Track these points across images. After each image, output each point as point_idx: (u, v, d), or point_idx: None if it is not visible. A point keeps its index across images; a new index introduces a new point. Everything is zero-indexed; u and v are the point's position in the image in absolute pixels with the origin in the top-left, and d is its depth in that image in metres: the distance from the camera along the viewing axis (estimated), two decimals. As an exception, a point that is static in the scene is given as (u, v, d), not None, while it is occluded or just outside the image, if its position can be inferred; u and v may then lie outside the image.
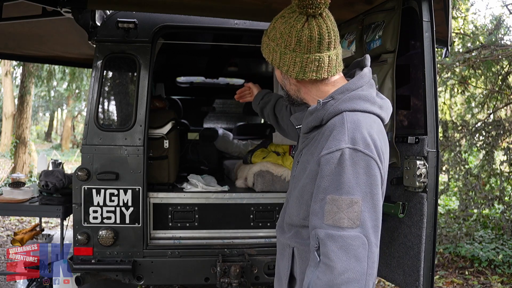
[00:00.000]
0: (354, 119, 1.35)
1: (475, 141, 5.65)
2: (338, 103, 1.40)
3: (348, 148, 1.30)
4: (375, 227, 1.31)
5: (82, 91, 17.35)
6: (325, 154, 1.33)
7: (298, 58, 1.39)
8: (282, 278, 1.62)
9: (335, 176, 1.30)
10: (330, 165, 1.31)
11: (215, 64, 5.40)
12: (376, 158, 1.32)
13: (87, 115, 3.09)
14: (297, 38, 1.37)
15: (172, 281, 3.16)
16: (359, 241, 1.27)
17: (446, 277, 5.00)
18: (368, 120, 1.38)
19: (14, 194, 3.38)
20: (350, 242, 1.27)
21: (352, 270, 1.27)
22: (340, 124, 1.35)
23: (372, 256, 1.30)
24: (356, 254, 1.27)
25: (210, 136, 5.00)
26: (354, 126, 1.34)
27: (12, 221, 7.47)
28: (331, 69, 1.43)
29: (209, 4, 2.68)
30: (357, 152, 1.30)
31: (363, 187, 1.29)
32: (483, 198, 5.31)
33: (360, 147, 1.30)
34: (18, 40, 4.19)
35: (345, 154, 1.29)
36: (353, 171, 1.29)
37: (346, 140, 1.31)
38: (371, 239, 1.29)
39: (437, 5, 2.22)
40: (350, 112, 1.38)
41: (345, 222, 1.28)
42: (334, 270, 1.27)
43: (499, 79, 5.87)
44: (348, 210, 1.28)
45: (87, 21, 3.00)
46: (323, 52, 1.38)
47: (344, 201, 1.28)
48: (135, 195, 3.04)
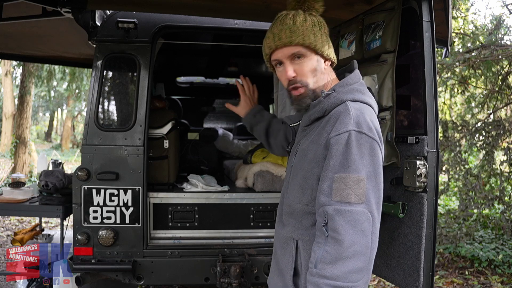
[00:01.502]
0: (357, 107, 1.50)
1: (475, 141, 5.65)
2: (340, 94, 1.55)
3: (354, 130, 1.43)
4: (378, 204, 1.43)
5: (82, 91, 17.35)
6: (334, 136, 1.46)
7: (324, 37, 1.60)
8: (285, 273, 1.63)
9: (343, 156, 1.42)
10: (339, 145, 1.43)
11: (215, 64, 5.40)
12: (378, 141, 1.46)
13: (87, 115, 3.09)
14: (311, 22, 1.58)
15: (172, 281, 3.16)
16: (364, 216, 1.39)
17: (446, 277, 5.00)
18: (367, 109, 1.54)
19: (14, 194, 3.38)
20: (357, 216, 1.38)
21: (359, 243, 1.37)
22: (345, 110, 1.49)
23: (375, 231, 1.42)
24: (362, 228, 1.38)
25: (210, 136, 5.00)
26: (358, 112, 1.48)
27: (12, 221, 7.47)
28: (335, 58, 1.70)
29: (209, 4, 2.68)
30: (362, 135, 1.43)
31: (367, 166, 1.42)
32: (483, 198, 5.31)
33: (364, 130, 1.44)
34: (18, 40, 4.19)
35: (352, 136, 1.42)
36: (359, 152, 1.42)
37: (352, 124, 1.44)
38: (375, 215, 1.41)
39: (437, 5, 2.21)
40: (351, 101, 1.53)
41: (353, 198, 1.39)
42: (343, 243, 1.37)
43: (499, 79, 5.87)
44: (355, 187, 1.39)
45: (87, 21, 3.00)
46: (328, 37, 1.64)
47: (351, 179, 1.40)
48: (135, 195, 3.04)
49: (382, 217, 1.72)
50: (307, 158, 1.57)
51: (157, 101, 3.66)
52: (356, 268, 1.37)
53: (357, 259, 1.37)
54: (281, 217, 1.72)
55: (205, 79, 6.16)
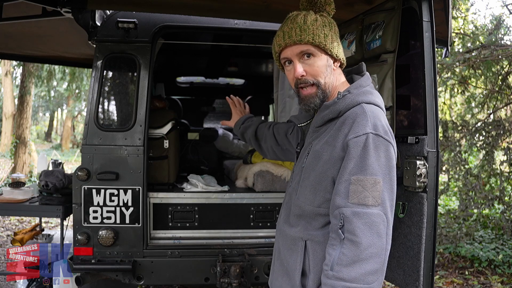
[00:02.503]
0: (372, 110, 1.52)
1: (475, 141, 5.65)
2: (355, 96, 1.56)
3: (371, 133, 1.45)
4: (392, 206, 1.45)
5: (82, 91, 17.35)
6: (353, 138, 1.46)
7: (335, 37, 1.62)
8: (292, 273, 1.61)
9: (360, 158, 1.43)
10: (357, 147, 1.44)
11: (215, 64, 5.40)
12: (393, 144, 1.49)
13: (87, 115, 3.09)
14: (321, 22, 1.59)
15: (172, 281, 3.16)
16: (380, 218, 1.40)
17: (446, 277, 5.00)
18: (380, 112, 1.56)
19: (14, 194, 3.38)
20: (374, 219, 1.40)
21: (375, 245, 1.39)
22: (362, 113, 1.50)
23: (389, 233, 1.44)
24: (378, 230, 1.40)
25: (210, 136, 5.00)
26: (373, 115, 1.50)
27: (12, 221, 7.47)
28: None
29: (209, 4, 2.68)
30: (379, 137, 1.45)
31: (383, 169, 1.43)
32: (483, 198, 5.31)
33: (381, 133, 1.46)
34: (18, 40, 4.19)
35: (370, 138, 1.44)
36: (376, 154, 1.43)
37: (370, 126, 1.46)
38: (389, 217, 1.43)
39: (437, 5, 2.21)
40: (366, 104, 1.54)
41: (370, 201, 1.40)
42: (360, 246, 1.38)
43: (499, 79, 5.87)
44: (372, 189, 1.41)
45: (87, 21, 3.00)
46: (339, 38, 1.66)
47: (368, 181, 1.41)
48: (135, 195, 3.04)
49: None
50: (321, 160, 1.56)
51: (157, 101, 3.66)
52: (372, 270, 1.39)
53: (373, 260, 1.39)
54: (288, 218, 1.71)
55: (205, 79, 6.16)
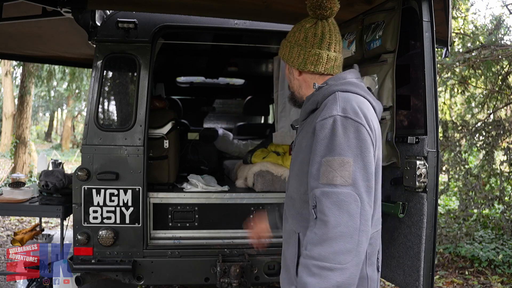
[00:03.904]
0: (345, 96, 1.55)
1: (475, 141, 5.65)
2: (331, 87, 1.60)
3: (339, 115, 1.47)
4: (368, 187, 1.44)
5: (82, 91, 17.35)
6: (319, 121, 1.50)
7: (302, 51, 1.66)
8: (290, 266, 1.65)
9: (328, 140, 1.46)
10: (324, 130, 1.47)
11: (215, 64, 5.40)
12: (365, 125, 1.47)
13: (87, 115, 3.09)
14: (304, 34, 1.66)
15: (172, 281, 3.16)
16: (351, 197, 1.40)
17: (446, 277, 5.00)
18: (358, 98, 1.56)
19: (14, 194, 3.38)
20: (343, 198, 1.40)
21: (345, 224, 1.38)
22: (332, 99, 1.55)
23: (365, 214, 1.42)
24: (348, 209, 1.39)
25: (210, 136, 5.00)
26: (345, 100, 1.53)
27: (12, 221, 7.47)
28: (329, 67, 1.67)
29: (209, 4, 2.68)
30: (347, 119, 1.46)
31: (354, 149, 1.44)
32: (483, 198, 5.31)
33: (350, 115, 1.47)
34: (18, 40, 4.19)
35: (337, 121, 1.46)
36: (344, 135, 1.44)
37: (338, 109, 1.49)
38: (364, 197, 1.42)
39: (437, 5, 2.22)
40: (341, 92, 1.57)
41: (338, 180, 1.41)
42: (328, 224, 1.39)
43: (499, 79, 5.87)
44: (340, 169, 1.42)
45: (87, 21, 3.00)
46: (323, 49, 1.65)
47: (336, 161, 1.43)
48: (135, 195, 3.04)
49: (382, 217, 1.72)
50: (301, 148, 1.63)
51: (157, 101, 3.66)
52: (343, 250, 1.38)
53: (344, 240, 1.38)
54: (285, 213, 1.77)
55: (205, 79, 6.16)
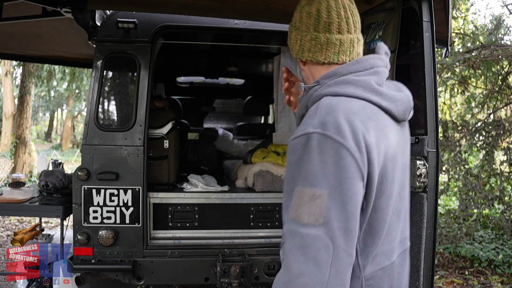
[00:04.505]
0: (331, 103, 1.19)
1: (475, 141, 5.65)
2: (322, 88, 1.26)
3: (316, 133, 1.13)
4: (345, 230, 1.10)
5: (82, 91, 17.35)
6: (291, 140, 1.18)
7: (298, 36, 1.33)
8: None
9: (300, 165, 1.14)
10: (295, 152, 1.16)
11: (215, 64, 5.40)
12: (350, 147, 1.12)
13: (87, 115, 3.09)
14: (299, 15, 1.33)
15: (172, 281, 3.16)
16: (320, 242, 1.08)
17: (446, 277, 5.00)
18: (352, 105, 1.19)
19: (14, 194, 3.38)
20: (310, 242, 1.09)
21: (310, 275, 1.09)
22: (314, 108, 1.21)
23: (337, 264, 1.10)
24: (316, 257, 1.08)
25: (210, 136, 5.00)
26: (328, 109, 1.17)
27: (12, 221, 7.47)
28: (330, 54, 1.29)
29: (209, 4, 2.68)
30: (326, 138, 1.12)
31: (330, 180, 1.10)
32: (483, 198, 5.31)
33: (329, 132, 1.12)
34: (18, 40, 4.19)
35: (312, 140, 1.13)
36: (320, 160, 1.11)
37: (315, 125, 1.14)
38: (338, 243, 1.09)
39: (437, 5, 2.22)
40: (331, 96, 1.22)
41: (306, 218, 1.10)
42: (290, 271, 1.11)
43: (499, 79, 5.87)
44: (310, 204, 1.10)
45: (87, 21, 3.00)
46: (320, 32, 1.28)
47: (306, 193, 1.11)
48: (135, 195, 3.04)
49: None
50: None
51: (157, 101, 3.66)
52: None
53: None
54: None
55: (205, 79, 6.17)
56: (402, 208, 1.33)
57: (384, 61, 1.33)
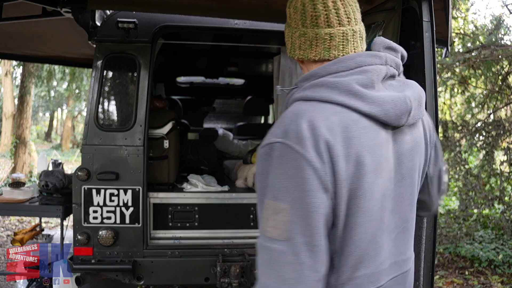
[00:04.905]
0: (299, 109, 1.10)
1: (475, 141, 5.65)
2: (298, 92, 1.16)
3: (278, 143, 1.05)
4: (310, 245, 1.03)
5: (82, 91, 17.34)
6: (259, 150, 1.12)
7: (289, 33, 1.24)
8: None
9: (265, 176, 1.09)
10: (261, 162, 1.10)
11: (215, 64, 5.40)
12: (310, 157, 1.03)
13: (87, 115, 3.09)
14: (288, 11, 1.23)
15: (172, 281, 3.16)
16: (286, 258, 1.03)
17: (446, 277, 5.00)
18: (322, 111, 1.08)
19: (14, 194, 3.38)
20: (275, 257, 1.04)
21: None
22: (282, 116, 1.12)
23: (303, 281, 1.03)
24: (281, 273, 1.03)
25: (210, 136, 5.00)
26: (293, 117, 1.08)
27: (12, 221, 7.47)
28: (320, 50, 1.18)
29: (209, 4, 2.68)
30: (288, 148, 1.04)
31: (292, 192, 1.03)
32: (483, 198, 5.31)
33: (290, 142, 1.04)
34: (18, 40, 4.19)
35: (275, 150, 1.06)
36: (282, 172, 1.05)
37: (278, 134, 1.07)
38: (303, 259, 1.02)
39: (437, 5, 2.22)
40: (303, 101, 1.12)
41: (271, 232, 1.06)
42: (259, 285, 1.10)
43: (499, 79, 5.87)
44: (273, 218, 1.05)
45: (87, 21, 3.00)
46: (308, 27, 1.18)
47: (270, 207, 1.06)
48: (135, 195, 3.04)
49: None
50: None
51: (157, 101, 3.66)
52: None
53: None
54: None
55: (205, 79, 6.17)
56: (397, 226, 1.20)
57: (382, 57, 1.17)
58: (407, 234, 1.24)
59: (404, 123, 1.15)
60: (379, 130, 1.12)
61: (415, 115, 1.19)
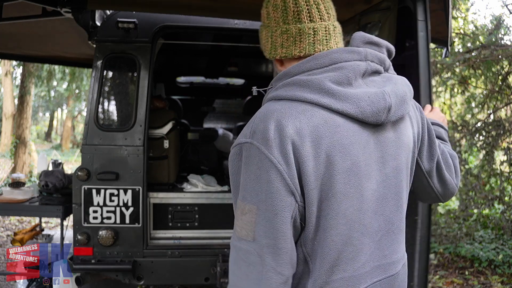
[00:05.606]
0: (269, 109, 1.08)
1: (475, 141, 5.64)
2: (271, 92, 1.15)
3: (247, 143, 1.05)
4: (273, 247, 1.02)
5: (82, 91, 17.35)
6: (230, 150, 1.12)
7: (269, 33, 1.22)
8: None
9: (235, 176, 1.10)
10: (232, 163, 1.10)
11: (215, 64, 5.40)
12: (274, 158, 1.01)
13: (87, 115, 3.10)
14: (266, 11, 1.25)
15: (172, 281, 3.16)
16: (252, 258, 1.03)
17: (446, 277, 5.00)
18: (291, 109, 1.05)
19: (14, 194, 3.38)
20: (243, 256, 1.06)
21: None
22: (253, 116, 1.11)
23: (267, 282, 1.02)
24: (247, 272, 1.04)
25: (210, 136, 5.00)
26: (262, 117, 1.06)
27: (12, 221, 7.47)
28: (305, 45, 1.15)
29: (209, 4, 2.68)
30: (255, 149, 1.03)
31: (258, 194, 1.03)
32: (483, 198, 5.31)
33: (257, 142, 1.03)
34: (18, 40, 4.19)
35: (243, 151, 1.06)
36: (250, 172, 1.04)
37: (247, 134, 1.06)
38: (267, 261, 1.02)
39: (437, 5, 2.22)
40: (274, 101, 1.11)
41: (239, 232, 1.09)
42: (229, 282, 1.10)
43: (499, 79, 5.86)
44: (242, 218, 1.08)
45: (87, 21, 3.01)
46: (290, 23, 1.16)
47: (240, 207, 1.09)
48: (135, 195, 3.04)
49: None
50: None
51: (157, 101, 3.67)
52: None
53: None
54: None
55: (205, 79, 6.17)
56: (381, 228, 1.14)
57: (360, 53, 1.13)
58: (393, 236, 1.18)
59: (383, 120, 1.10)
60: (355, 128, 1.08)
61: (397, 111, 1.13)
